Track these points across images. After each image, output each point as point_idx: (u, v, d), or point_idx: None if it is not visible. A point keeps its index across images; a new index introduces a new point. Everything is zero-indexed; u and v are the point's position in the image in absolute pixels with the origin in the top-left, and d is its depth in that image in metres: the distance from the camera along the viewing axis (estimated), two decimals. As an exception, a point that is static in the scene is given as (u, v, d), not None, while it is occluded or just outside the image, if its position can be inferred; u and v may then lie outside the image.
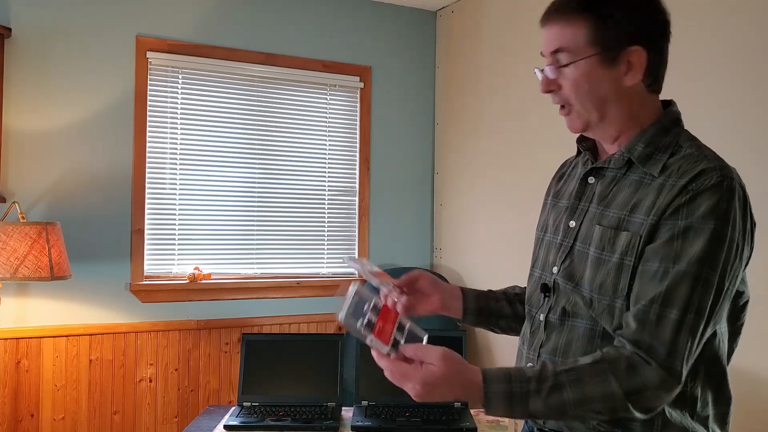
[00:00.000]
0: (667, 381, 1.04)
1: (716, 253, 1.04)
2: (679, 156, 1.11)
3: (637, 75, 1.12)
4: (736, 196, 1.06)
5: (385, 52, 3.63)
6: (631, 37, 1.11)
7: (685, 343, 1.04)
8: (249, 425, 2.12)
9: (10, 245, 2.46)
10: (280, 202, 3.40)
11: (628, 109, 1.15)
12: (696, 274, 1.04)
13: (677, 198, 1.06)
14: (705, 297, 1.04)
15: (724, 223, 1.04)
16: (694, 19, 2.30)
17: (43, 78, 2.87)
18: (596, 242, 1.14)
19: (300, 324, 3.38)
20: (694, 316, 1.04)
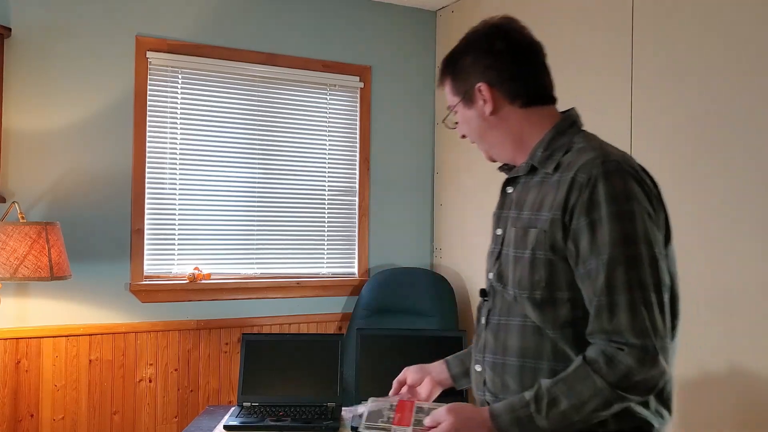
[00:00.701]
0: (644, 358, 1.10)
1: (630, 229, 1.13)
2: (571, 152, 1.23)
3: (489, 104, 1.29)
4: (625, 172, 1.16)
5: (385, 52, 3.63)
6: (474, 77, 1.30)
7: (644, 318, 1.11)
8: (249, 425, 2.12)
9: (9, 245, 2.46)
10: (281, 202, 3.40)
11: (507, 131, 1.32)
12: (623, 255, 1.12)
13: (573, 193, 1.17)
14: (641, 271, 1.12)
15: (625, 201, 1.14)
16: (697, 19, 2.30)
17: (43, 78, 2.87)
18: (513, 243, 1.26)
19: (300, 324, 3.38)
20: (641, 291, 1.11)
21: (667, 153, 2.38)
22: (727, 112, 2.19)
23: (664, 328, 1.13)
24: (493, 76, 1.29)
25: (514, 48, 1.31)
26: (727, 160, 2.19)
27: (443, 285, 3.38)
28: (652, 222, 1.16)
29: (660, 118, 2.42)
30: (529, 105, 1.30)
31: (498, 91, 1.29)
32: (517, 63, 1.30)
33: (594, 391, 1.12)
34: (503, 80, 1.29)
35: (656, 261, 1.14)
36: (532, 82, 1.31)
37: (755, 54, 2.11)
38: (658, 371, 1.12)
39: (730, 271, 2.17)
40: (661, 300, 1.13)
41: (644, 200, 1.16)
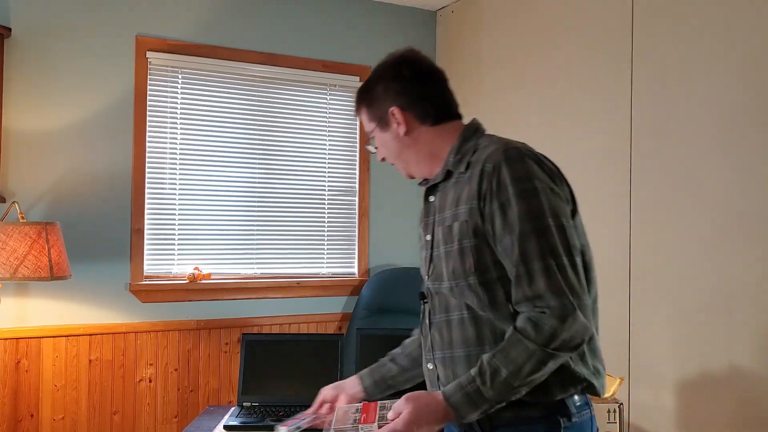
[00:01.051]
0: (565, 317, 1.21)
1: (535, 204, 1.24)
2: (478, 151, 1.37)
3: (402, 126, 1.43)
4: (524, 155, 1.29)
5: (385, 52, 3.57)
6: (387, 103, 1.45)
7: (560, 280, 1.22)
8: (249, 425, 2.12)
9: (9, 245, 2.46)
10: (281, 202, 3.40)
11: (421, 148, 1.46)
12: (532, 228, 1.24)
13: (484, 182, 1.29)
14: (551, 239, 1.23)
15: (527, 180, 1.26)
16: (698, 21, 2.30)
17: (43, 78, 2.87)
18: (442, 240, 1.38)
19: (300, 324, 3.38)
20: (553, 257, 1.23)
21: (668, 153, 2.38)
22: (728, 111, 2.19)
23: (581, 287, 1.24)
24: (404, 100, 1.44)
25: (419, 74, 1.47)
26: (728, 159, 2.19)
27: (443, 285, 3.37)
28: (555, 195, 1.27)
29: (660, 117, 2.42)
30: (437, 123, 1.45)
31: (409, 113, 1.43)
32: (423, 87, 1.46)
33: (527, 355, 1.22)
34: (413, 103, 1.44)
35: (563, 228, 1.25)
36: (438, 103, 1.47)
37: (755, 54, 2.11)
38: (581, 325, 1.22)
39: (730, 271, 2.17)
40: (573, 262, 1.25)
41: (545, 177, 1.28)
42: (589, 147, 2.72)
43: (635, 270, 2.51)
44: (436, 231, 1.41)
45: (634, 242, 2.52)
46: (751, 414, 2.11)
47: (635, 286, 2.51)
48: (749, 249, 2.12)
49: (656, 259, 2.43)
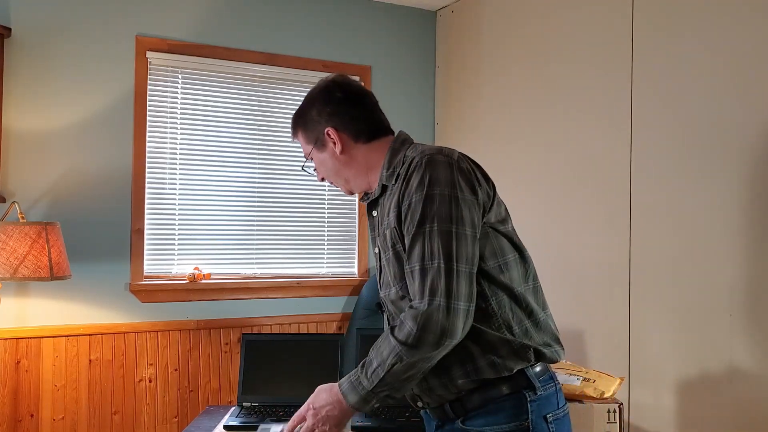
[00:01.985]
0: (418, 317, 1.28)
1: (428, 211, 1.32)
2: (405, 162, 1.43)
3: (338, 145, 1.51)
4: (436, 162, 1.36)
5: (385, 52, 3.63)
6: (321, 124, 1.52)
7: (428, 282, 1.29)
8: (249, 425, 2.12)
9: (9, 245, 2.46)
10: (281, 202, 3.40)
11: (357, 165, 1.53)
12: (422, 231, 1.32)
13: (402, 188, 1.38)
14: (433, 243, 1.30)
15: (429, 186, 1.33)
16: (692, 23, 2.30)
17: (43, 78, 2.87)
18: (382, 249, 1.47)
19: (300, 324, 3.38)
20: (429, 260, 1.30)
21: (668, 152, 2.38)
22: (728, 112, 2.19)
23: (447, 291, 1.28)
24: (337, 121, 1.51)
25: (350, 96, 1.53)
26: (728, 159, 2.19)
27: (443, 285, 3.37)
28: (455, 202, 1.33)
29: (660, 117, 2.42)
30: (370, 140, 1.52)
31: (343, 133, 1.51)
32: (354, 107, 1.53)
33: (390, 349, 1.31)
34: (346, 123, 1.51)
35: (449, 235, 1.31)
36: (370, 122, 1.54)
37: (755, 53, 2.11)
38: (431, 329, 1.27)
39: (730, 271, 2.17)
40: (450, 267, 1.29)
41: (449, 185, 1.34)
42: (590, 146, 2.72)
43: (635, 270, 2.51)
44: (379, 242, 1.50)
45: (634, 242, 2.52)
46: (751, 414, 2.11)
47: (635, 286, 2.51)
48: (749, 249, 2.12)
49: (656, 259, 2.43)
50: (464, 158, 1.43)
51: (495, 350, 1.36)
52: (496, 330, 1.36)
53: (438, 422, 1.50)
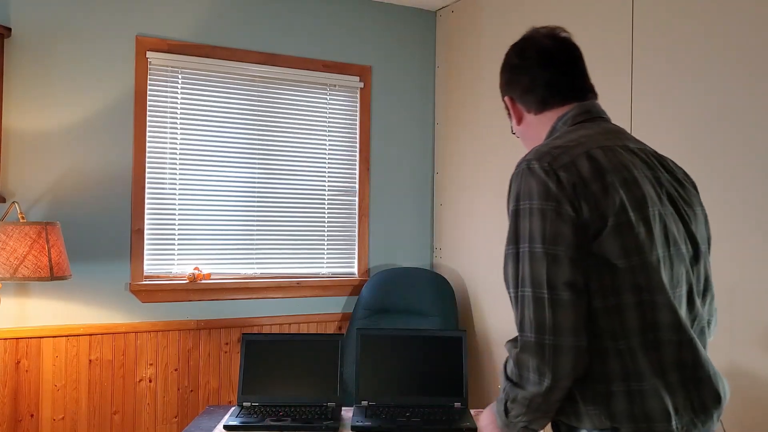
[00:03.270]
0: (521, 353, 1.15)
1: (520, 228, 1.17)
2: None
3: (514, 114, 1.42)
4: (529, 172, 1.19)
5: (385, 52, 3.63)
6: (503, 92, 1.44)
7: (524, 314, 1.15)
8: (249, 425, 2.12)
9: (9, 245, 2.46)
10: (280, 202, 3.40)
11: (530, 137, 1.41)
12: (513, 252, 1.19)
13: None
14: (523, 268, 1.16)
15: (519, 200, 1.19)
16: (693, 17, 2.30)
17: (43, 78, 2.87)
18: None
19: (300, 324, 3.38)
20: (521, 288, 1.16)
21: (667, 151, 2.39)
22: (728, 109, 2.19)
23: (540, 324, 1.13)
24: (512, 89, 1.41)
25: (526, 62, 1.37)
26: (727, 159, 2.19)
27: (443, 285, 3.38)
28: (549, 218, 1.14)
29: (660, 116, 2.42)
30: (541, 111, 1.37)
31: (517, 104, 1.41)
32: (527, 75, 1.37)
33: (503, 383, 1.24)
34: (519, 94, 1.39)
35: (542, 258, 1.14)
36: (541, 91, 1.36)
37: (755, 52, 2.11)
38: (530, 365, 1.14)
39: (731, 270, 2.17)
40: (540, 296, 1.13)
41: (542, 198, 1.16)
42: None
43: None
44: None
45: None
46: (751, 414, 2.11)
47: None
48: (750, 248, 2.12)
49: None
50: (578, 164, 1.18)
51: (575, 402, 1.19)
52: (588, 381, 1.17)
53: None
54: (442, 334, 2.44)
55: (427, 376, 2.34)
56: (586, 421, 1.17)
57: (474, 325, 3.43)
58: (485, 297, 3.35)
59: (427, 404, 2.29)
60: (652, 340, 1.15)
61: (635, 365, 1.15)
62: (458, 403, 2.30)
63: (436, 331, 2.45)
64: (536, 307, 1.13)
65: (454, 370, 2.34)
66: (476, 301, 3.42)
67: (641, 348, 1.15)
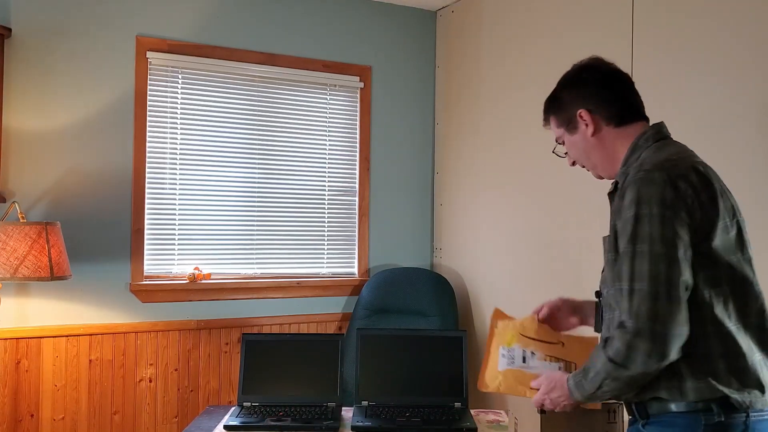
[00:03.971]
0: (629, 339, 1.32)
1: (639, 230, 1.33)
2: (631, 170, 1.44)
3: (591, 126, 1.53)
4: (649, 180, 1.34)
5: (385, 52, 3.63)
6: (574, 107, 1.54)
7: (636, 303, 1.32)
8: (249, 425, 2.12)
9: (10, 245, 2.46)
10: (280, 202, 3.40)
11: (605, 149, 1.55)
12: (631, 251, 1.34)
13: (618, 201, 1.42)
14: (642, 264, 1.32)
15: (639, 205, 1.34)
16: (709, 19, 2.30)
17: (43, 78, 2.87)
18: (605, 248, 1.50)
19: (300, 324, 3.38)
20: (639, 282, 1.32)
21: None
22: (728, 111, 2.19)
23: (654, 314, 1.30)
24: (590, 102, 1.53)
25: (602, 78, 1.55)
26: (727, 158, 2.19)
27: (443, 285, 3.38)
28: (667, 222, 1.32)
29: (660, 117, 2.42)
30: (620, 124, 1.52)
31: (595, 115, 1.52)
32: (605, 90, 1.54)
33: (601, 364, 1.38)
34: (598, 105, 1.52)
35: (660, 257, 1.31)
36: (620, 105, 1.53)
37: (755, 51, 2.11)
38: (641, 351, 1.31)
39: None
40: (656, 290, 1.31)
41: (662, 205, 1.33)
42: (589, 147, 2.71)
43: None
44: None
45: (634, 242, 2.52)
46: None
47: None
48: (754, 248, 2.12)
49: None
50: (689, 175, 1.36)
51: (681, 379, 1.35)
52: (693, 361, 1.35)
53: (630, 418, 1.53)
54: (442, 334, 2.44)
55: (427, 376, 2.34)
56: (690, 394, 1.34)
57: (474, 325, 3.43)
58: (485, 297, 3.35)
59: (427, 404, 2.29)
60: (749, 324, 1.37)
61: (735, 345, 1.34)
62: (458, 403, 2.30)
63: (436, 331, 2.45)
64: (653, 301, 1.30)
65: (454, 370, 2.34)
66: (476, 301, 3.42)
67: (739, 331, 1.35)
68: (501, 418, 2.27)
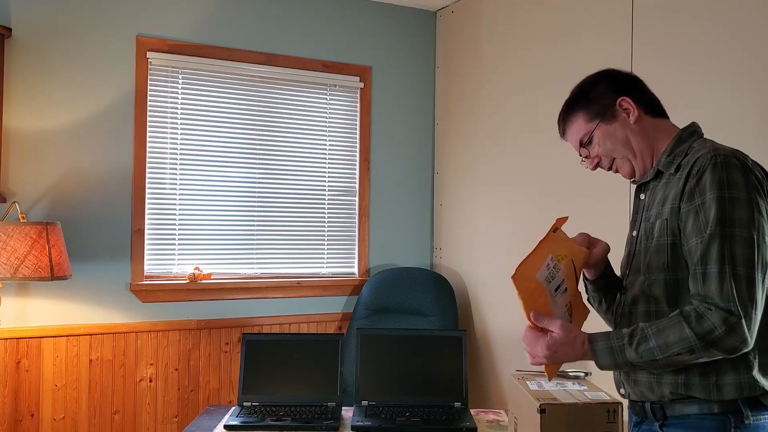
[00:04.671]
0: (728, 319, 1.27)
1: (729, 213, 1.30)
2: (689, 155, 1.43)
3: (634, 113, 1.50)
4: (731, 164, 1.33)
5: (385, 52, 3.64)
6: (611, 96, 1.52)
7: (731, 287, 1.28)
8: (249, 425, 2.12)
9: (10, 245, 2.46)
10: (280, 202, 3.40)
11: (646, 137, 1.52)
12: (720, 233, 1.30)
13: (688, 183, 1.37)
14: (735, 248, 1.29)
15: (727, 188, 1.31)
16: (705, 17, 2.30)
17: (43, 78, 2.87)
18: (644, 237, 1.48)
19: (300, 324, 3.38)
20: (731, 265, 1.29)
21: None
22: (728, 111, 2.19)
23: (750, 300, 1.28)
24: (630, 90, 1.52)
25: (626, 75, 1.57)
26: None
27: (443, 285, 3.38)
28: (753, 207, 1.31)
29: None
30: (657, 116, 1.53)
31: (636, 102, 1.51)
32: (637, 84, 1.55)
33: (681, 337, 1.30)
34: (637, 93, 1.53)
35: (751, 241, 1.29)
36: (654, 98, 1.55)
37: (755, 52, 2.11)
38: (737, 334, 1.27)
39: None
40: (751, 275, 1.29)
41: (747, 188, 1.32)
42: (589, 147, 2.71)
43: (635, 270, 2.51)
44: (641, 227, 1.51)
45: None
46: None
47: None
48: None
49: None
50: (757, 165, 1.39)
51: (719, 373, 1.35)
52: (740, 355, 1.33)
53: (636, 419, 1.50)
54: (442, 334, 2.44)
55: (427, 375, 2.34)
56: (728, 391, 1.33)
57: (474, 325, 3.44)
58: (485, 297, 3.36)
59: (427, 404, 2.30)
60: None
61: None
62: (458, 403, 2.30)
63: (436, 331, 2.45)
64: (751, 286, 1.28)
65: (454, 370, 2.34)
66: (476, 301, 3.42)
67: None
68: (501, 418, 2.27)
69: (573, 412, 1.60)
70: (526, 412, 1.76)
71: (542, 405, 1.64)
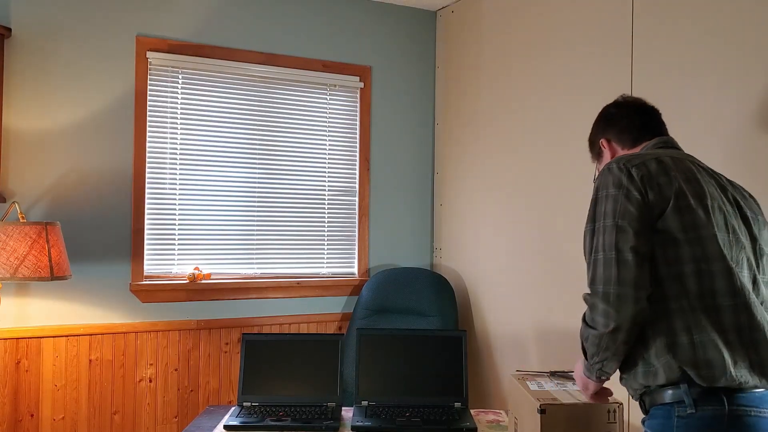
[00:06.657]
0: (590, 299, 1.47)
1: (598, 209, 1.51)
2: None
3: (608, 152, 1.77)
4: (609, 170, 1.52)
5: (385, 52, 3.63)
6: (598, 137, 1.81)
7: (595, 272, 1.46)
8: (249, 425, 2.12)
9: (10, 245, 2.46)
10: (280, 202, 3.40)
11: None
12: (590, 229, 1.52)
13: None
14: (598, 238, 1.48)
15: (599, 190, 1.52)
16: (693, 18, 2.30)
17: (43, 78, 2.87)
18: None
19: (300, 324, 3.38)
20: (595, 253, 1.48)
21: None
22: (729, 112, 2.19)
23: (608, 278, 1.43)
24: (608, 132, 1.77)
25: (621, 110, 1.76)
26: (727, 158, 2.19)
27: (443, 285, 3.38)
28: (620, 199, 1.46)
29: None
30: (633, 146, 1.71)
31: (612, 142, 1.76)
32: (623, 119, 1.74)
33: (581, 330, 1.53)
34: (614, 134, 1.75)
35: (611, 228, 1.45)
36: (634, 130, 1.72)
37: (755, 51, 2.11)
38: (599, 309, 1.44)
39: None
40: (609, 258, 1.44)
41: (615, 186, 1.48)
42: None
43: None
44: None
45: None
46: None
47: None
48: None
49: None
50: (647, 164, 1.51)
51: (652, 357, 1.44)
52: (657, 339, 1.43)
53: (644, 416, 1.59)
54: (442, 334, 2.44)
55: (427, 376, 2.34)
56: (661, 375, 1.41)
57: (474, 325, 3.43)
58: (485, 297, 3.36)
59: (427, 404, 2.29)
60: (711, 305, 1.41)
61: (696, 322, 1.40)
62: (458, 403, 2.30)
63: (436, 331, 2.45)
64: (606, 266, 1.44)
65: (454, 370, 2.34)
66: (476, 301, 3.42)
67: (701, 310, 1.41)
68: (501, 418, 2.27)
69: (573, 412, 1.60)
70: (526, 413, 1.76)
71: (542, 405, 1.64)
